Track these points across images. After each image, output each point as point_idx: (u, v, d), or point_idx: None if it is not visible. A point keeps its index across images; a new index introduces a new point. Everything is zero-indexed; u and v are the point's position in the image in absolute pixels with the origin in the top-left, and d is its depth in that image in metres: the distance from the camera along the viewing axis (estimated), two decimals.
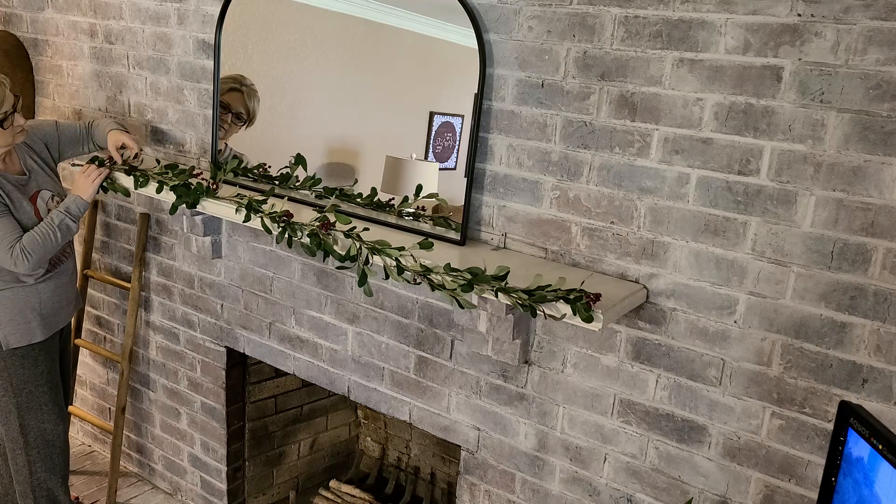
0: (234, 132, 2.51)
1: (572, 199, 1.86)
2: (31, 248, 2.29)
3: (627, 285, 1.79)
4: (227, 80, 2.45)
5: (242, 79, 2.45)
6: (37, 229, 2.32)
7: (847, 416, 1.23)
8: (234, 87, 2.46)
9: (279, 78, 2.40)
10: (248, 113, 2.48)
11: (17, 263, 2.28)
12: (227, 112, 2.48)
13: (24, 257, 2.28)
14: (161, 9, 2.59)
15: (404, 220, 2.12)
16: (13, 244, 2.27)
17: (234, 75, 2.46)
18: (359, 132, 2.29)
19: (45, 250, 2.32)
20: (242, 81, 2.45)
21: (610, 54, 1.74)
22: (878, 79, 1.45)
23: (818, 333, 1.60)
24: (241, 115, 2.48)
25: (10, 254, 2.27)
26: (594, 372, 1.92)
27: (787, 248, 1.60)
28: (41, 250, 2.31)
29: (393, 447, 3.15)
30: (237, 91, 2.46)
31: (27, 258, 2.28)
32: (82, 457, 3.42)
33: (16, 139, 2.33)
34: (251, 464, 2.94)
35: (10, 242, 2.27)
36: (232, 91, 2.46)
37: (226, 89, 2.45)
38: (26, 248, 2.28)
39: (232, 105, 2.48)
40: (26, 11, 3.07)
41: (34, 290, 2.44)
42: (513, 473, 2.12)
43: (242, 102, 2.47)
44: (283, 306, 2.50)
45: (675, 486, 1.86)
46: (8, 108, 2.26)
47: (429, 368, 2.21)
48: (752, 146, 1.60)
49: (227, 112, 2.48)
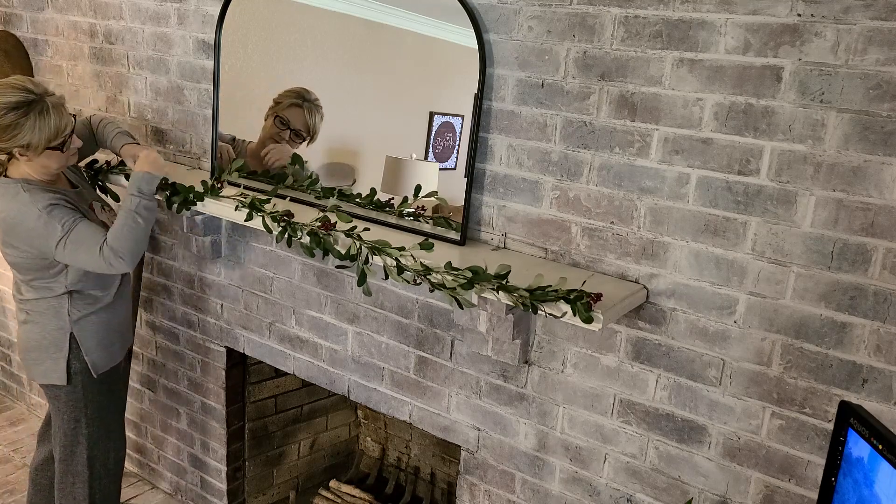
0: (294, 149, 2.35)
1: (572, 199, 1.86)
2: (118, 243, 2.10)
3: (627, 285, 1.79)
4: (289, 95, 2.30)
5: (305, 93, 2.28)
6: (116, 222, 2.14)
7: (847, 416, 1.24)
8: (296, 103, 2.29)
9: (279, 78, 2.40)
10: (308, 131, 2.29)
11: (113, 263, 2.11)
12: (286, 129, 2.31)
13: (115, 256, 2.10)
14: (161, 9, 2.59)
15: (404, 221, 2.12)
16: (101, 246, 2.10)
17: (297, 89, 2.29)
18: (359, 132, 2.29)
19: (134, 240, 2.13)
20: (305, 96, 2.28)
21: (610, 54, 1.74)
22: (878, 79, 1.45)
23: (818, 333, 1.60)
24: (301, 132, 2.30)
25: (102, 256, 2.10)
26: (594, 372, 1.92)
27: (787, 248, 1.60)
28: (130, 242, 2.12)
29: (393, 447, 3.15)
30: (298, 107, 2.29)
31: (120, 256, 2.10)
32: None
33: (69, 161, 2.23)
34: (251, 464, 2.94)
35: (98, 244, 2.10)
36: (293, 107, 2.30)
37: (286, 105, 2.30)
38: (113, 245, 2.10)
39: (292, 122, 2.30)
40: (26, 11, 3.07)
41: (113, 309, 2.34)
42: (513, 473, 2.12)
43: (303, 120, 2.29)
44: (283, 306, 2.50)
45: (675, 486, 1.86)
46: (69, 130, 2.15)
47: (429, 368, 2.21)
48: (752, 146, 1.60)
49: (285, 129, 2.31)
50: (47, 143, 2.09)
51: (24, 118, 2.04)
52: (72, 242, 2.11)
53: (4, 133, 2.05)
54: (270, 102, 2.35)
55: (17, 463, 3.34)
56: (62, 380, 2.28)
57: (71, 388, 2.30)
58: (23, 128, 2.05)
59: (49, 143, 2.09)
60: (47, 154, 2.12)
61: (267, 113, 2.36)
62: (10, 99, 2.05)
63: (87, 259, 2.13)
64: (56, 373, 2.28)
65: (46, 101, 2.08)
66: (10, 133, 2.05)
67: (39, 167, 2.15)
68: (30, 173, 2.16)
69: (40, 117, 2.06)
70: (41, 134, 2.07)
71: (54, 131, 2.09)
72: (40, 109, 2.06)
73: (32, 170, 2.16)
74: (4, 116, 2.04)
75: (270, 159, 2.37)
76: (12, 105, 2.04)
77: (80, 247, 2.11)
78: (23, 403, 3.79)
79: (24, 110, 2.04)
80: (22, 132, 2.05)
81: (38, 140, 2.07)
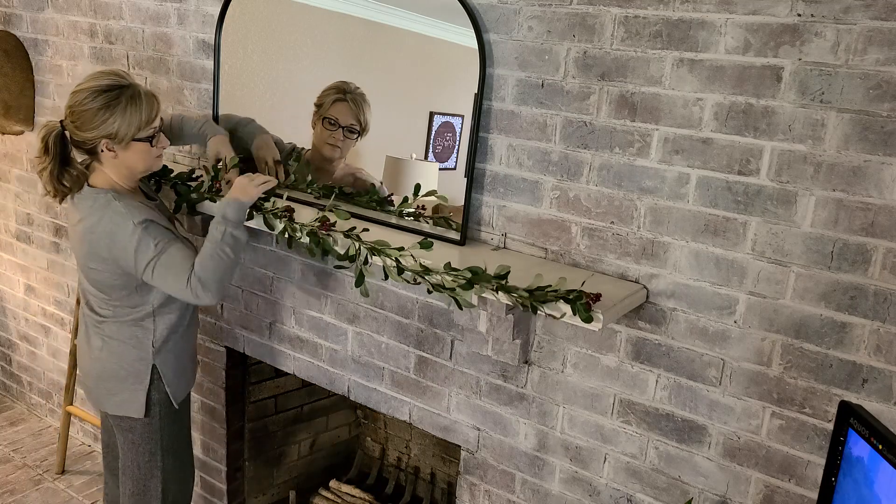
0: (351, 147, 2.24)
1: (572, 199, 1.86)
2: (205, 275, 1.97)
3: (627, 285, 1.79)
4: (329, 92, 2.19)
5: (346, 85, 2.17)
6: (203, 252, 2.00)
7: (847, 416, 1.24)
8: (339, 98, 2.18)
9: (279, 78, 2.40)
10: (359, 123, 2.18)
11: (200, 295, 1.98)
12: (338, 127, 2.19)
13: (203, 289, 1.97)
14: (161, 9, 2.59)
15: (404, 221, 2.12)
16: (189, 274, 1.97)
17: (336, 84, 2.18)
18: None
19: (222, 272, 1.99)
20: (346, 89, 2.17)
21: (610, 54, 1.74)
22: (878, 79, 1.45)
23: (818, 333, 1.60)
24: (353, 127, 2.19)
25: (189, 286, 1.97)
26: (594, 372, 1.92)
27: (787, 248, 1.60)
28: (219, 274, 1.99)
29: (393, 447, 3.15)
30: (342, 101, 2.18)
31: (207, 289, 1.98)
32: (82, 457, 3.42)
33: (155, 164, 2.08)
34: (251, 464, 2.94)
35: (187, 272, 1.97)
36: (337, 103, 2.18)
37: (330, 102, 2.19)
38: (201, 277, 1.97)
39: (340, 119, 2.19)
40: (26, 11, 3.07)
41: (188, 332, 2.22)
42: (513, 473, 2.12)
43: (351, 113, 2.18)
44: (283, 306, 2.51)
45: (675, 486, 1.86)
46: (159, 121, 2.03)
47: (429, 368, 2.21)
48: (752, 146, 1.60)
49: (336, 128, 2.19)
50: (137, 130, 1.97)
51: (116, 101, 1.94)
52: (162, 265, 1.98)
53: (95, 117, 1.94)
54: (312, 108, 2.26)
55: (17, 463, 3.34)
56: (140, 412, 2.14)
57: (148, 420, 2.16)
58: (114, 112, 1.93)
59: (138, 131, 1.97)
60: (134, 148, 1.99)
61: (313, 120, 2.27)
62: (102, 82, 1.95)
63: (173, 285, 2.00)
64: (134, 405, 2.14)
65: (138, 87, 1.98)
66: (100, 118, 1.93)
67: (125, 168, 2.03)
68: (115, 180, 2.03)
69: (131, 102, 1.95)
70: (131, 119, 1.95)
71: (144, 119, 1.97)
72: (131, 94, 1.96)
73: (117, 174, 2.03)
74: (95, 99, 1.93)
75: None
76: (104, 88, 1.94)
77: (170, 271, 1.99)
78: (23, 403, 3.79)
79: (115, 93, 1.94)
80: (112, 117, 1.93)
81: (126, 128, 1.95)
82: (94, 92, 1.94)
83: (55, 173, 1.99)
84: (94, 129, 1.95)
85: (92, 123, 1.94)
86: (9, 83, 3.07)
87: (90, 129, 1.95)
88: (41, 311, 3.49)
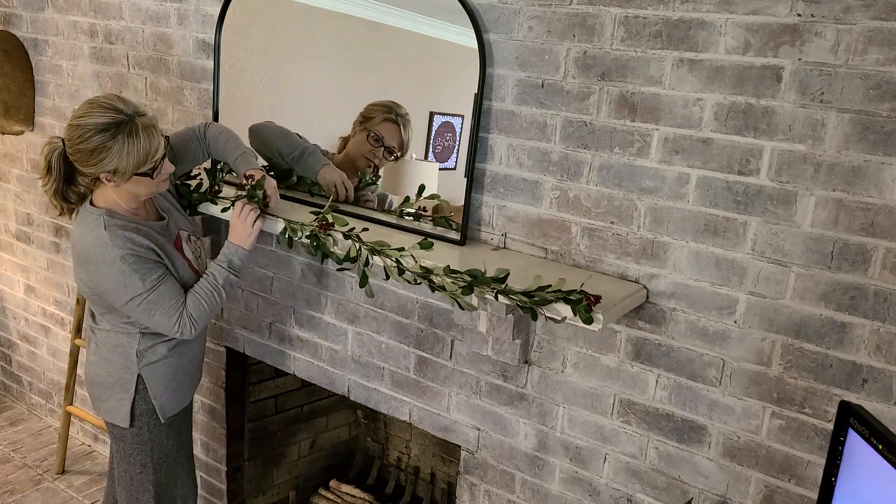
0: (383, 165, 2.24)
1: (572, 199, 1.86)
2: (198, 315, 2.02)
3: (627, 285, 1.79)
4: (378, 109, 2.18)
5: (396, 107, 2.16)
6: (200, 291, 2.03)
7: (847, 416, 1.23)
8: (389, 118, 2.16)
9: (279, 78, 2.40)
10: (401, 147, 2.17)
11: (183, 332, 2.02)
12: (381, 146, 2.18)
13: (191, 326, 2.02)
14: (161, 9, 2.59)
15: (405, 221, 2.12)
16: (180, 313, 2.00)
17: (386, 103, 2.17)
18: None
19: (210, 314, 2.06)
20: (397, 111, 2.16)
21: (610, 54, 1.74)
22: (878, 79, 1.45)
23: (818, 333, 1.60)
24: (394, 149, 2.17)
25: (178, 324, 2.00)
26: (594, 372, 1.92)
27: (787, 248, 1.60)
28: (208, 315, 2.05)
29: (393, 447, 3.15)
30: (392, 122, 2.16)
31: (194, 326, 2.02)
32: (82, 457, 3.42)
33: (159, 188, 2.02)
34: (251, 464, 2.94)
35: (178, 310, 2.00)
36: (386, 122, 2.17)
37: (380, 119, 2.18)
38: (193, 316, 2.01)
39: (386, 139, 2.17)
40: (26, 11, 3.07)
41: (186, 348, 2.19)
42: (513, 473, 2.12)
43: (398, 136, 2.16)
44: (283, 306, 2.50)
45: (675, 486, 1.86)
46: (160, 154, 1.94)
47: (429, 368, 2.21)
48: (752, 146, 1.60)
49: (380, 146, 2.18)
50: (135, 168, 1.90)
51: (112, 141, 1.86)
52: (149, 302, 1.97)
53: (91, 157, 1.88)
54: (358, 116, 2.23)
55: (17, 463, 3.34)
56: (125, 422, 2.12)
57: (135, 430, 2.14)
58: (110, 151, 1.86)
59: (137, 168, 1.90)
60: (135, 180, 1.94)
61: (355, 127, 2.24)
62: (98, 120, 1.86)
63: (160, 321, 2.00)
64: (120, 413, 2.12)
65: (137, 122, 1.89)
66: (97, 157, 1.87)
67: (127, 194, 1.99)
68: (116, 200, 2.00)
69: (129, 140, 1.87)
70: (129, 159, 1.88)
71: (143, 156, 1.89)
72: (129, 131, 1.87)
73: (119, 197, 1.99)
74: (91, 139, 1.86)
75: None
76: (100, 127, 1.86)
77: (158, 308, 1.99)
78: (23, 403, 3.79)
79: (112, 132, 1.86)
80: (109, 156, 1.87)
81: (125, 165, 1.88)
82: (89, 130, 1.87)
83: (60, 192, 1.99)
84: (91, 167, 1.90)
85: (89, 162, 1.89)
86: (9, 83, 3.07)
87: (88, 166, 1.91)
88: (41, 311, 3.49)
